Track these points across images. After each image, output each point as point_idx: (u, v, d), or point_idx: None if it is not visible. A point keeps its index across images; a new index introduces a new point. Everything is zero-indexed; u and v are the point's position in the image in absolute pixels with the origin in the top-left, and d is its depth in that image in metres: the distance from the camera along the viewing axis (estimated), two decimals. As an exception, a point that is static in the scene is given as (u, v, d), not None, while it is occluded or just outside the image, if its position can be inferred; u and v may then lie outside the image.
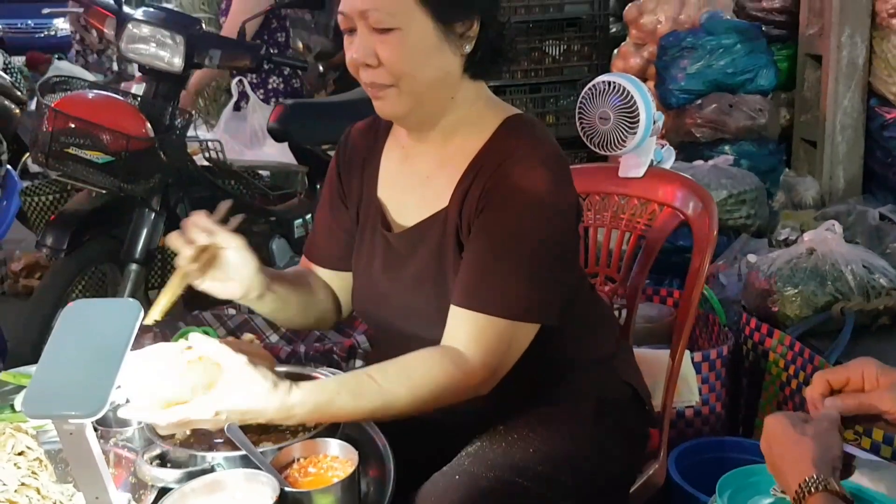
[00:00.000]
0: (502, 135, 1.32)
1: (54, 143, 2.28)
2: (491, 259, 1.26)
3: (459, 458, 1.31)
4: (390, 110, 1.31)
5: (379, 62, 1.24)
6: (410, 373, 1.22)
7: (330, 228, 1.48)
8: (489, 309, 1.24)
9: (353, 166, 1.45)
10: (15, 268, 4.15)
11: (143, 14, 2.59)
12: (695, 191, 1.69)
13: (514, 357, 1.27)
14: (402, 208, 1.39)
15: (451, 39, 1.27)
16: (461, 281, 1.27)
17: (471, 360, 1.23)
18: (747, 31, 3.77)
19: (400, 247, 1.37)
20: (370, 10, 1.22)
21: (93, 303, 1.01)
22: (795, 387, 2.08)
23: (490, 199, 1.27)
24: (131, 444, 1.27)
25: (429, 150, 1.37)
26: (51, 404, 0.90)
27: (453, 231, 1.31)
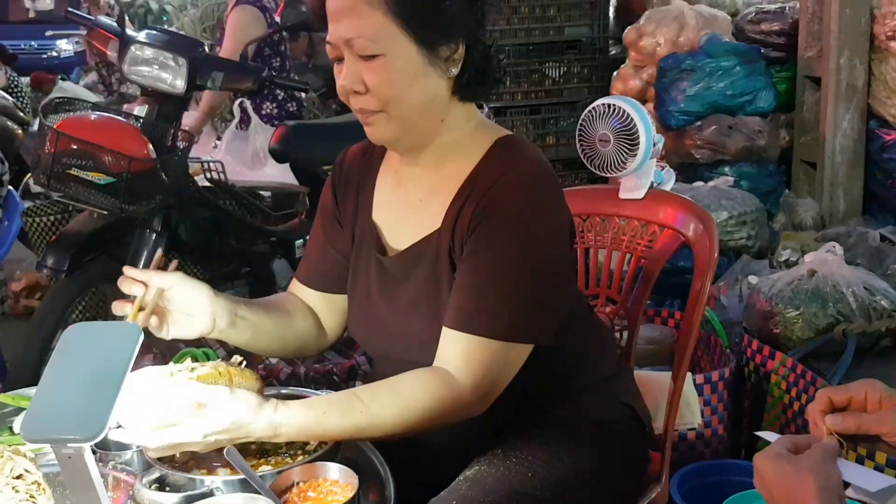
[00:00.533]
0: (493, 156, 1.33)
1: (56, 165, 2.28)
2: (481, 280, 1.26)
3: (458, 482, 1.30)
4: (381, 135, 1.32)
5: (366, 88, 1.26)
6: (400, 394, 1.22)
7: (324, 249, 1.49)
8: (480, 330, 1.24)
9: (349, 189, 1.46)
10: (15, 288, 4.15)
11: (145, 36, 2.61)
12: (695, 212, 1.69)
13: (506, 378, 1.27)
14: (396, 232, 1.40)
15: (437, 63, 1.28)
16: (453, 302, 1.27)
17: (461, 381, 1.23)
18: (746, 54, 3.79)
19: (395, 270, 1.37)
20: (354, 38, 1.23)
21: (93, 325, 1.01)
22: (798, 409, 2.07)
23: (481, 219, 1.27)
24: (130, 467, 1.27)
25: (421, 175, 1.38)
26: (49, 428, 0.90)
27: (446, 252, 1.31)
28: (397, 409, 1.21)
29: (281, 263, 3.02)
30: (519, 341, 1.26)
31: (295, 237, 3.08)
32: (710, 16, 4.07)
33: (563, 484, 1.31)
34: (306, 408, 1.17)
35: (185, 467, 1.20)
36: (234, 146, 3.96)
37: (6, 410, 1.46)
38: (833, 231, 3.38)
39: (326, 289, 1.49)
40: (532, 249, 1.27)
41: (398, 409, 1.21)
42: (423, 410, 1.22)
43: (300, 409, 1.17)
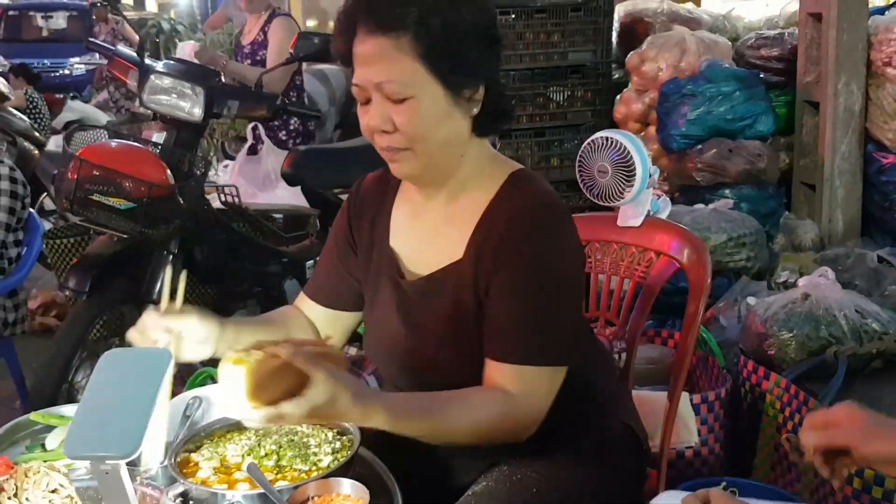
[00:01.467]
0: (508, 190, 1.41)
1: (79, 191, 2.38)
2: (519, 313, 1.34)
3: (466, 497, 1.37)
4: (406, 171, 1.39)
5: (394, 128, 1.33)
6: (470, 405, 1.30)
7: (334, 268, 1.55)
8: (527, 359, 1.33)
9: (365, 215, 1.52)
10: (32, 305, 4.24)
11: (164, 66, 2.72)
12: (689, 240, 1.77)
13: (552, 398, 1.36)
14: (415, 259, 1.46)
15: (460, 104, 1.35)
16: (498, 337, 1.34)
17: (519, 403, 1.31)
18: (746, 79, 3.88)
19: (415, 295, 1.44)
20: (385, 83, 1.30)
21: (128, 351, 1.10)
22: (791, 428, 2.14)
23: (504, 256, 1.35)
24: (155, 482, 1.35)
25: (437, 207, 1.45)
26: (90, 446, 0.99)
27: (470, 284, 1.38)
28: (469, 418, 1.30)
29: (292, 284, 3.11)
30: (558, 364, 1.36)
31: (305, 258, 3.17)
32: (710, 41, 4.16)
33: (567, 500, 1.38)
34: (396, 401, 1.27)
35: (207, 482, 1.28)
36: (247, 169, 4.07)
37: (37, 428, 1.55)
38: (832, 252, 3.44)
39: (333, 305, 1.56)
40: (558, 279, 1.36)
41: (469, 418, 1.30)
42: (489, 423, 1.30)
43: (391, 400, 1.26)
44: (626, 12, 4.68)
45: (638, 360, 2.46)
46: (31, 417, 1.55)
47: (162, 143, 2.70)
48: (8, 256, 2.99)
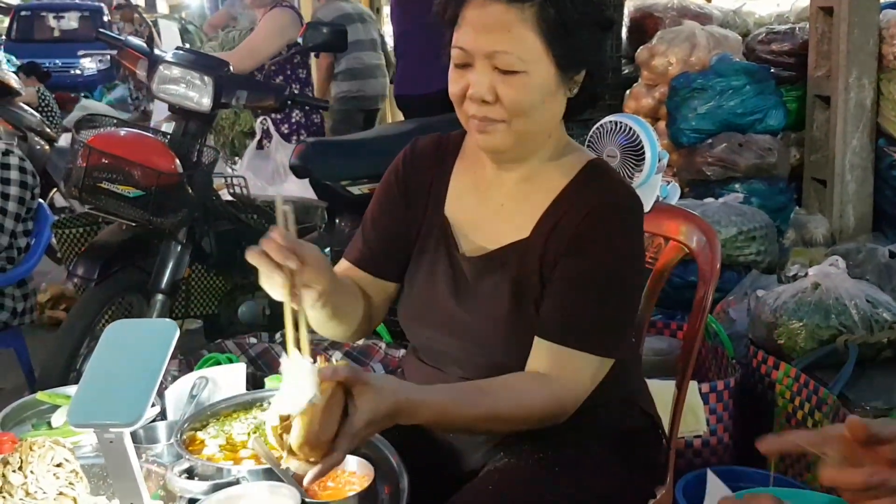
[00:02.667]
0: (586, 178, 1.39)
1: (88, 178, 2.39)
2: (582, 298, 1.32)
3: (488, 472, 1.36)
4: (495, 144, 1.34)
5: (496, 99, 1.29)
6: (515, 391, 1.28)
7: (385, 232, 1.47)
8: (586, 346, 1.31)
9: (423, 175, 1.47)
10: (41, 299, 4.26)
11: (173, 56, 2.72)
12: (699, 225, 1.75)
13: (592, 389, 1.34)
14: (473, 233, 1.42)
15: (565, 84, 1.33)
16: (556, 319, 1.32)
17: (561, 388, 1.30)
18: (756, 73, 3.86)
19: (471, 271, 1.41)
20: (500, 53, 1.27)
21: (132, 323, 1.09)
22: (801, 418, 2.13)
23: (582, 243, 1.33)
24: (160, 459, 1.35)
25: (507, 183, 1.42)
26: (94, 414, 0.99)
27: (536, 264, 1.36)
28: (514, 405, 1.27)
29: (300, 276, 3.10)
30: (608, 356, 1.34)
31: (314, 250, 3.16)
32: (721, 36, 4.14)
33: (588, 481, 1.36)
34: (438, 393, 1.25)
35: (213, 459, 1.28)
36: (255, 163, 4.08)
37: (43, 408, 1.55)
38: (843, 247, 3.42)
39: (386, 276, 1.48)
40: (628, 274, 1.36)
41: (515, 405, 1.27)
42: (532, 410, 1.28)
43: (432, 392, 1.23)
44: (636, 7, 4.68)
45: (647, 351, 2.46)
46: (37, 397, 1.56)
47: (171, 133, 2.70)
48: (17, 246, 3.00)
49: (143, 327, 1.08)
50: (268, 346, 2.48)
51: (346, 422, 1.07)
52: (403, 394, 1.15)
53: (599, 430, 1.43)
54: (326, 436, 1.04)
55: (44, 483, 1.17)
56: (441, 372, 1.42)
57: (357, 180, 3.16)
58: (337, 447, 1.06)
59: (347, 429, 1.07)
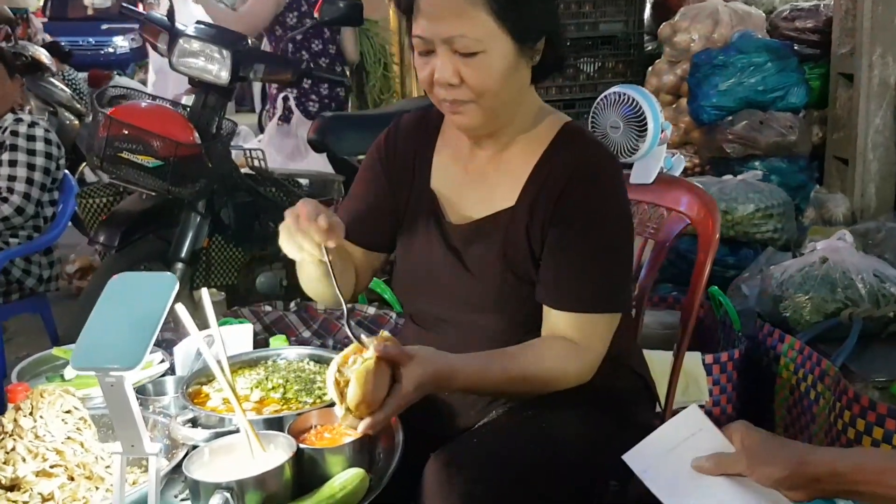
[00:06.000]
0: (563, 144, 1.43)
1: (108, 148, 2.45)
2: (581, 262, 1.38)
3: (477, 428, 1.42)
4: (468, 123, 1.39)
5: (461, 81, 1.33)
6: (542, 356, 1.36)
7: (370, 209, 1.53)
8: (599, 307, 1.38)
9: (406, 155, 1.53)
10: (69, 270, 4.38)
11: (193, 30, 2.77)
12: (699, 196, 1.77)
13: (608, 345, 1.41)
14: (459, 203, 1.48)
15: (525, 56, 1.37)
16: (561, 287, 1.38)
17: (584, 350, 1.37)
18: (779, 50, 3.83)
19: (458, 239, 1.46)
20: (456, 37, 1.30)
21: (134, 275, 1.15)
22: (804, 390, 2.14)
23: (566, 208, 1.38)
24: (167, 411, 1.41)
25: (485, 153, 1.47)
26: (95, 359, 1.04)
27: (523, 231, 1.41)
28: (543, 368, 1.35)
29: (317, 248, 3.15)
30: (616, 311, 1.41)
31: (331, 223, 3.21)
32: (744, 13, 4.11)
33: (575, 441, 1.39)
34: (472, 360, 1.32)
35: (216, 410, 1.33)
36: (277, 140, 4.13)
37: (59, 363, 1.62)
38: (863, 226, 3.40)
39: (369, 246, 1.55)
40: (619, 229, 1.41)
41: (543, 368, 1.35)
42: (562, 372, 1.36)
43: (466, 359, 1.30)
44: (660, -17, 4.65)
45: (654, 325, 2.48)
46: (53, 352, 1.63)
47: (190, 106, 2.75)
48: (43, 215, 3.09)
49: (144, 280, 1.13)
50: (282, 314, 2.54)
51: (395, 387, 1.20)
52: (442, 363, 1.26)
53: (591, 390, 1.45)
54: (378, 396, 1.18)
55: (52, 427, 1.23)
56: (437, 336, 1.47)
57: (374, 154, 3.20)
58: (386, 406, 1.19)
59: (396, 392, 1.20)
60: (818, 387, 2.07)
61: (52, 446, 1.20)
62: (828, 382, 2.03)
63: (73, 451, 1.22)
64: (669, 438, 1.13)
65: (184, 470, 1.14)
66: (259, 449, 1.19)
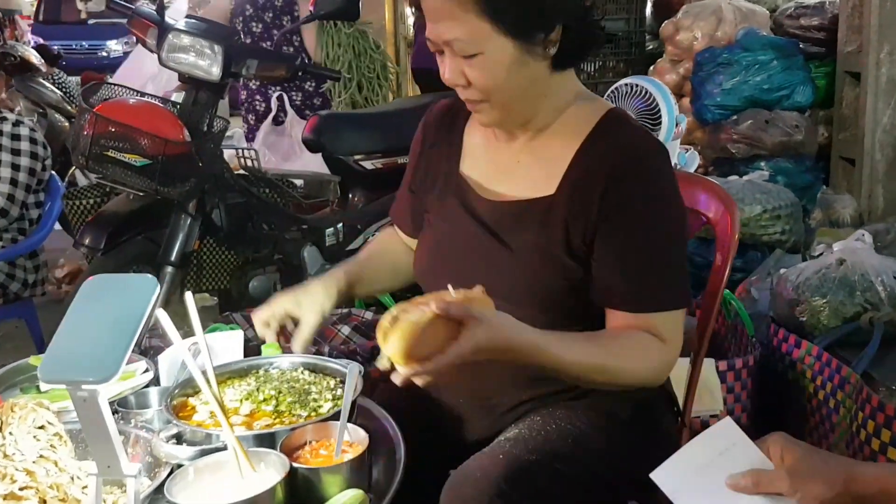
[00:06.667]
0: (606, 131, 1.36)
1: (94, 146, 2.35)
2: (642, 259, 1.30)
3: (500, 441, 1.34)
4: (488, 120, 1.38)
5: (468, 82, 1.31)
6: (630, 346, 1.28)
7: (413, 196, 1.57)
8: (659, 305, 1.31)
9: (439, 142, 1.51)
10: (58, 274, 4.27)
11: (183, 24, 2.67)
12: (717, 193, 1.68)
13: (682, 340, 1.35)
14: (490, 187, 1.42)
15: (534, 49, 1.30)
16: (622, 287, 1.30)
17: (672, 352, 1.32)
18: (784, 48, 3.75)
19: (491, 216, 1.40)
20: (452, 41, 1.29)
21: (111, 278, 1.04)
22: (822, 398, 2.05)
23: (616, 201, 1.30)
24: (150, 425, 1.31)
25: (519, 139, 1.41)
26: (65, 370, 0.94)
27: (561, 218, 1.33)
28: (630, 360, 1.28)
29: (312, 251, 3.05)
30: (685, 305, 1.34)
31: (326, 225, 3.11)
32: (748, 10, 4.03)
33: (601, 452, 1.33)
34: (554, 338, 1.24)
35: (203, 425, 1.23)
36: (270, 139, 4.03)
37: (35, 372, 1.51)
38: (871, 228, 3.32)
39: (412, 233, 1.58)
40: (674, 216, 1.34)
41: (631, 360, 1.28)
42: (647, 366, 1.29)
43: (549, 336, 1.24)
44: (661, -19, 4.57)
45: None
46: (29, 361, 1.52)
47: (180, 103, 2.65)
48: (29, 218, 2.99)
49: (122, 283, 1.03)
50: (275, 319, 2.43)
51: (453, 344, 1.13)
52: (514, 333, 1.18)
53: (611, 398, 1.39)
54: (420, 352, 1.11)
55: (23, 445, 1.13)
56: None
57: (370, 154, 3.11)
58: (431, 360, 1.12)
59: (450, 349, 1.12)
60: (838, 395, 1.97)
61: (21, 466, 1.09)
62: (848, 390, 1.94)
63: (46, 470, 1.11)
64: (701, 454, 1.03)
65: (165, 493, 1.04)
66: (248, 468, 1.09)
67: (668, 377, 1.53)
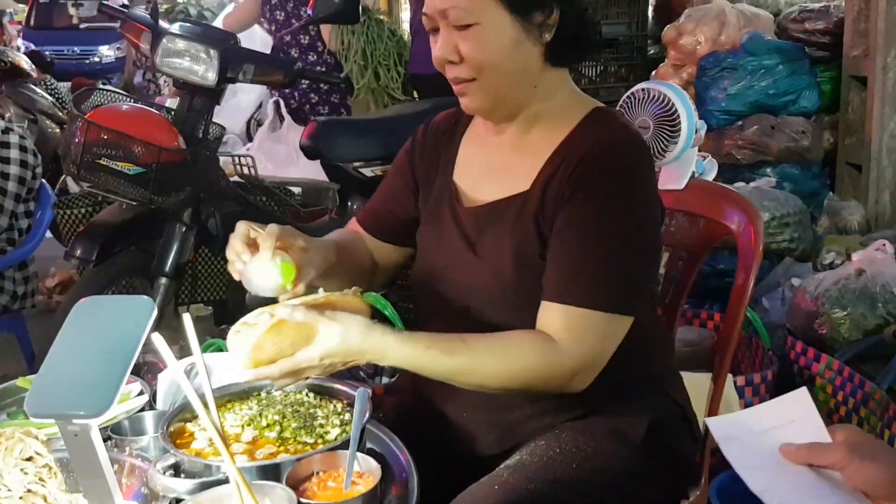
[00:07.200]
0: (588, 125, 1.32)
1: (86, 154, 2.26)
2: (582, 251, 1.24)
3: (499, 470, 1.27)
4: (475, 105, 1.33)
5: (460, 58, 1.28)
6: (504, 346, 1.22)
7: (388, 203, 1.51)
8: (581, 301, 1.22)
9: (434, 150, 1.47)
10: (49, 284, 4.17)
11: (178, 28, 2.59)
12: (739, 203, 1.61)
13: (609, 351, 1.24)
14: (477, 190, 1.39)
15: (530, 30, 1.28)
16: (553, 275, 1.25)
17: (564, 348, 1.21)
18: (789, 52, 3.69)
19: (470, 223, 1.36)
20: (449, 9, 1.26)
21: (104, 299, 0.97)
22: (844, 414, 1.97)
23: (577, 187, 1.25)
24: (146, 453, 1.23)
25: (507, 139, 1.38)
26: (55, 403, 0.86)
27: (532, 214, 1.29)
28: (499, 360, 1.21)
29: (310, 260, 2.97)
30: (619, 312, 1.24)
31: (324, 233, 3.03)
32: (752, 14, 3.97)
33: (610, 478, 1.26)
34: (414, 337, 1.19)
35: (202, 454, 1.15)
36: (267, 145, 3.96)
37: (24, 395, 1.43)
38: (879, 235, 3.26)
39: (385, 237, 1.52)
40: (628, 220, 1.25)
41: (500, 360, 1.21)
42: (524, 367, 1.21)
43: (408, 336, 1.19)
44: (663, -14, 4.51)
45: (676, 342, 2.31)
46: (17, 383, 1.44)
47: (175, 109, 2.57)
48: (18, 227, 2.90)
49: (115, 305, 0.95)
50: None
51: (302, 350, 1.11)
52: (363, 337, 1.14)
53: (623, 418, 1.33)
54: (259, 358, 1.12)
55: (9, 479, 1.05)
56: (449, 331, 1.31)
57: (369, 161, 3.03)
58: (278, 364, 1.11)
59: (298, 354, 1.12)
60: (861, 411, 1.90)
61: (8, 502, 1.01)
62: (872, 406, 1.87)
63: (34, 506, 1.03)
64: (766, 418, 0.97)
65: (164, 533, 0.95)
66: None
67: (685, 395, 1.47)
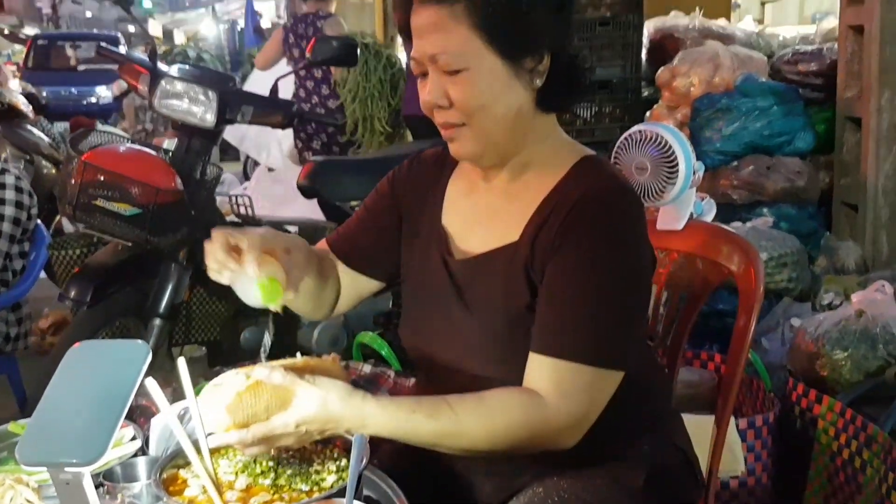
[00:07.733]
0: (578, 173, 1.30)
1: (82, 195, 2.27)
2: (571, 302, 1.21)
3: None
4: (464, 151, 1.31)
5: (450, 103, 1.26)
6: (489, 407, 1.18)
7: (365, 229, 1.47)
8: (570, 354, 1.19)
9: (417, 189, 1.45)
10: (42, 325, 4.14)
11: (176, 70, 2.61)
12: (738, 244, 1.60)
13: (599, 407, 1.21)
14: (467, 238, 1.36)
15: (521, 75, 1.26)
16: (540, 327, 1.22)
17: (552, 406, 1.18)
18: (784, 94, 3.72)
19: (462, 275, 1.33)
20: (439, 54, 1.24)
21: (99, 344, 0.95)
22: (847, 457, 1.95)
23: (566, 237, 1.23)
24: (138, 501, 1.20)
25: (496, 185, 1.36)
26: (46, 451, 0.84)
27: (522, 264, 1.27)
28: (484, 422, 1.17)
29: (307, 301, 2.96)
30: (608, 367, 1.21)
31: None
32: (745, 56, 4.01)
33: None
34: (395, 403, 1.16)
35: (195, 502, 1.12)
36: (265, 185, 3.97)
37: (15, 440, 1.40)
38: (877, 275, 3.25)
39: (354, 265, 1.47)
40: (621, 270, 1.23)
41: (485, 422, 1.18)
42: (510, 428, 1.18)
43: (389, 402, 1.16)
44: (656, 28, 4.56)
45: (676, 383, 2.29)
46: (9, 428, 1.41)
47: (173, 150, 2.58)
48: (12, 269, 2.88)
49: (109, 349, 0.94)
50: (270, 375, 2.33)
51: (277, 415, 1.09)
52: (341, 404, 1.12)
53: (623, 464, 1.30)
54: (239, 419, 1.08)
55: (-2, 529, 1.02)
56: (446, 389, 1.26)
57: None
58: (251, 429, 1.08)
59: (274, 419, 1.09)
60: (864, 454, 1.88)
61: (-5, 554, 0.98)
62: (875, 449, 1.85)
63: (23, 558, 1.01)
64: None
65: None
66: (248, 556, 0.98)
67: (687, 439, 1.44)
